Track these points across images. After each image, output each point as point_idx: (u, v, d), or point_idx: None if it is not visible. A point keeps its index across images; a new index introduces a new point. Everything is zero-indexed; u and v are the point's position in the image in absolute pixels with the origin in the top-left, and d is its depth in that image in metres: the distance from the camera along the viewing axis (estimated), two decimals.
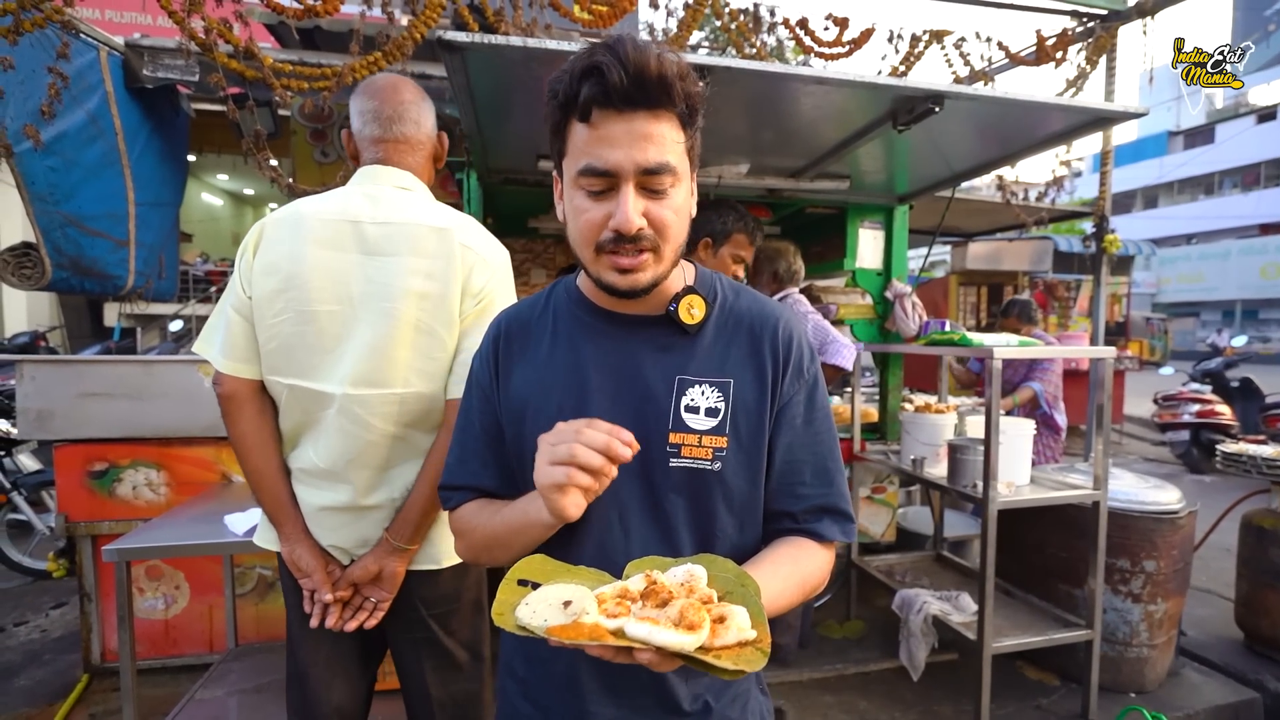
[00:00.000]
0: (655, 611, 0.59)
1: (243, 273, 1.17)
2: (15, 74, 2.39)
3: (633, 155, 0.71)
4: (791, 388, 0.83)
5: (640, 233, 0.73)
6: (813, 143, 2.56)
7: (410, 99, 1.27)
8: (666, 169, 0.73)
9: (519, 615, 0.61)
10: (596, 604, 0.60)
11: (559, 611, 0.60)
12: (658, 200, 0.74)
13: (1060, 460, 3.73)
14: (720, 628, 0.57)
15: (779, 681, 2.58)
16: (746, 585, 0.63)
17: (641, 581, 0.63)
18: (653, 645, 0.55)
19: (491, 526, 0.82)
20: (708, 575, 0.65)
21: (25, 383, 2.42)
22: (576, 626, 0.57)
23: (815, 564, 0.80)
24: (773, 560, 0.77)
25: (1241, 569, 2.83)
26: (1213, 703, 2.49)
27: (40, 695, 2.51)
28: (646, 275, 0.76)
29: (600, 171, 0.72)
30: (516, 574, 0.68)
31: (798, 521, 0.82)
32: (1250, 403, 6.87)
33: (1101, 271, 3.99)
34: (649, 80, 0.69)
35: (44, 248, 2.61)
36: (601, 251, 0.75)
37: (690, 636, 0.55)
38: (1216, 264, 26.43)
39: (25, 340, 6.36)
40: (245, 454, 1.21)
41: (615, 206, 0.73)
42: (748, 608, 0.60)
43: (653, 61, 0.69)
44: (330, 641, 1.27)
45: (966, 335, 2.48)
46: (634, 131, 0.71)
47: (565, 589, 0.63)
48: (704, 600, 0.61)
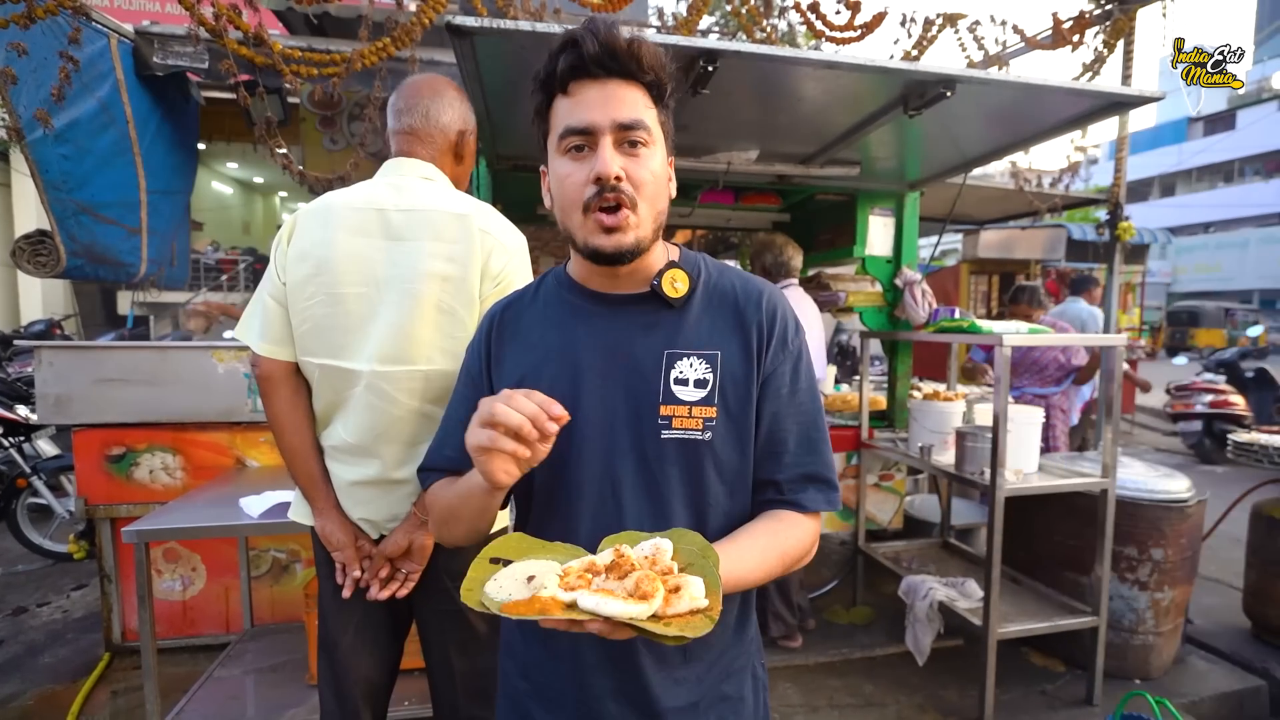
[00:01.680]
0: (614, 584, 0.61)
1: (278, 261, 1.25)
2: (28, 62, 2.40)
3: (608, 112, 0.77)
4: (776, 358, 0.85)
5: (619, 184, 0.76)
6: (823, 128, 2.54)
7: (426, 94, 1.33)
8: (641, 125, 0.78)
9: (486, 591, 0.62)
10: (560, 579, 0.62)
11: (523, 586, 0.61)
12: (635, 159, 0.78)
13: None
14: (674, 597, 0.59)
15: (786, 665, 2.61)
16: (708, 557, 0.65)
17: (610, 555, 0.65)
18: (602, 615, 0.57)
19: (446, 498, 0.85)
20: (673, 548, 0.67)
21: (44, 369, 2.46)
22: (531, 601, 0.59)
23: (797, 535, 0.82)
24: (750, 534, 0.79)
25: (1251, 558, 2.82)
26: (1218, 690, 2.49)
27: (63, 673, 2.58)
28: (630, 236, 0.78)
29: (579, 129, 0.77)
30: (490, 552, 0.69)
31: (782, 491, 0.84)
32: (1265, 393, 6.78)
33: (1115, 260, 3.94)
34: (620, 50, 0.76)
35: (58, 235, 2.64)
36: (588, 211, 0.78)
37: (640, 606, 0.57)
38: (1235, 253, 25.99)
39: (41, 328, 6.45)
40: (280, 431, 1.28)
41: (594, 161, 0.77)
42: (705, 578, 0.62)
43: (623, 35, 0.76)
44: (360, 613, 1.33)
45: (976, 322, 2.46)
46: (609, 95, 0.77)
47: (532, 565, 0.65)
48: (664, 572, 0.63)
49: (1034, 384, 3.62)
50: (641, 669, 0.82)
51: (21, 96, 2.44)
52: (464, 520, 0.82)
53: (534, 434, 0.66)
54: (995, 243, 7.18)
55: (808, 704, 2.40)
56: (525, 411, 0.66)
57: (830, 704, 2.40)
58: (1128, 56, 3.79)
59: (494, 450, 0.66)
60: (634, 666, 0.82)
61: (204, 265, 11.04)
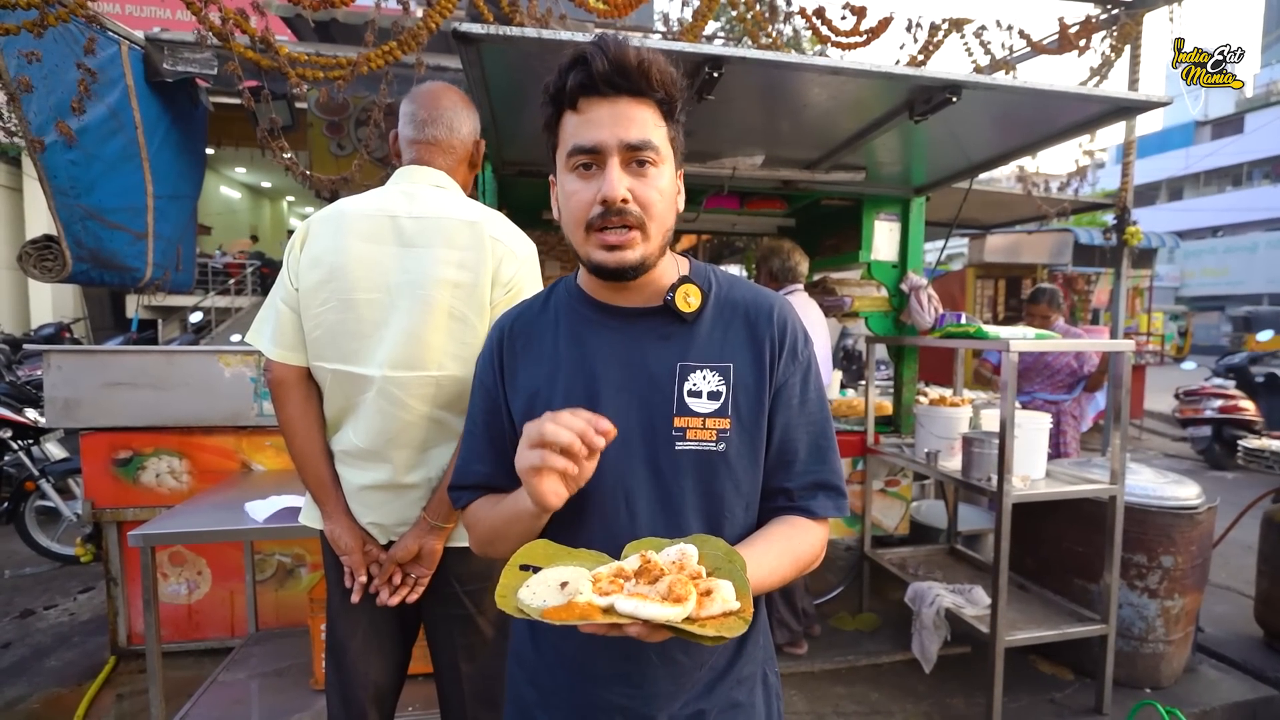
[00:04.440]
0: (646, 588, 0.62)
1: (290, 267, 1.25)
2: (40, 69, 2.43)
3: (616, 132, 0.77)
4: (788, 370, 0.86)
5: (626, 206, 0.77)
6: (828, 134, 2.53)
7: (448, 105, 1.35)
8: (649, 145, 0.78)
9: (520, 598, 0.63)
10: (592, 584, 0.63)
11: (556, 592, 0.63)
12: (642, 179, 0.78)
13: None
14: (706, 600, 0.61)
15: (791, 672, 2.59)
16: (734, 561, 0.67)
17: (636, 561, 0.66)
18: (640, 619, 0.58)
19: (491, 520, 0.86)
20: (699, 554, 0.68)
21: (52, 372, 2.48)
22: (569, 607, 0.60)
23: (808, 540, 0.83)
24: (766, 539, 0.81)
25: (1262, 566, 2.79)
26: (1230, 699, 2.46)
27: (69, 676, 2.58)
28: (634, 253, 0.79)
29: (587, 148, 0.77)
30: (519, 559, 0.71)
31: (792, 499, 0.85)
32: (1276, 399, 6.72)
33: (1122, 264, 3.92)
34: (629, 67, 0.76)
35: (64, 240, 2.66)
36: (591, 230, 0.79)
37: (676, 609, 0.59)
38: (1243, 257, 25.79)
39: (50, 331, 6.51)
40: (291, 436, 1.29)
41: (602, 182, 0.77)
42: (733, 581, 0.63)
43: (633, 52, 0.76)
44: (368, 617, 1.33)
45: (983, 328, 2.45)
46: (618, 113, 0.77)
47: (564, 571, 0.66)
48: (693, 576, 0.64)
49: (1045, 389, 3.59)
50: (653, 679, 0.82)
51: (33, 103, 2.46)
52: (511, 540, 0.82)
53: (583, 450, 0.68)
54: (1001, 247, 7.16)
55: (813, 711, 2.38)
56: (574, 428, 0.68)
57: (836, 711, 2.39)
58: (1134, 61, 3.79)
59: (545, 469, 0.68)
60: (645, 677, 0.82)
61: (212, 269, 11.10)
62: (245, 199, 15.10)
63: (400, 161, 1.36)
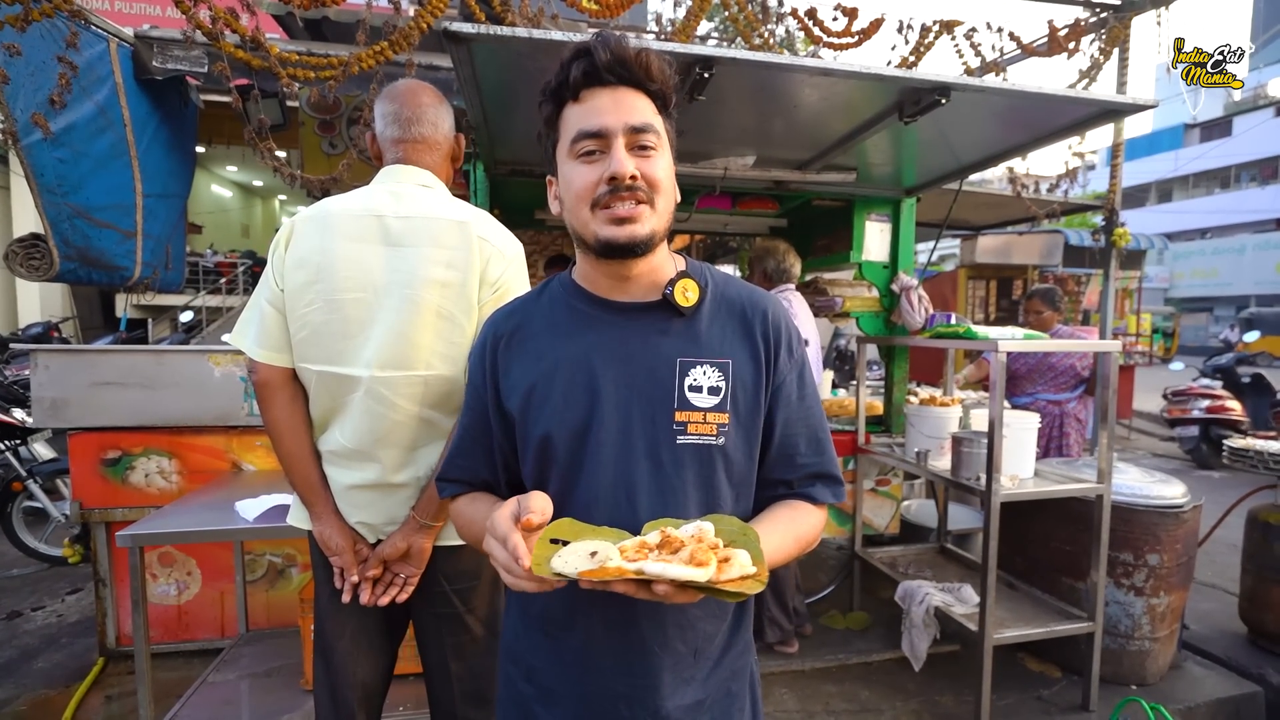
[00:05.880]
0: (670, 557, 0.67)
1: (275, 267, 1.24)
2: (25, 65, 2.40)
3: (620, 116, 0.80)
4: (785, 367, 0.89)
5: (634, 181, 0.79)
6: (819, 134, 2.55)
7: (429, 102, 1.34)
8: (651, 129, 0.81)
9: (553, 565, 0.68)
10: (619, 553, 0.68)
11: (587, 560, 0.68)
12: (646, 159, 0.81)
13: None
14: (726, 566, 0.66)
15: (782, 670, 2.60)
16: (748, 534, 0.72)
17: (657, 536, 0.71)
18: (668, 578, 0.63)
19: (469, 515, 0.91)
20: (714, 529, 0.73)
21: (40, 372, 2.46)
22: (601, 570, 0.65)
23: (809, 522, 0.88)
24: (772, 519, 0.85)
25: (1246, 564, 2.82)
26: (1214, 695, 2.49)
27: (57, 677, 2.56)
28: (644, 227, 0.81)
29: (592, 132, 0.80)
30: (549, 534, 0.74)
31: (793, 488, 0.90)
32: (1262, 399, 6.79)
33: (1111, 266, 3.96)
34: (629, 60, 0.80)
35: (52, 239, 2.63)
36: (597, 206, 0.81)
37: (700, 570, 0.64)
38: (1231, 259, 26.05)
39: (39, 331, 6.44)
40: (278, 437, 1.28)
41: (609, 162, 0.79)
42: (749, 551, 0.68)
43: (632, 46, 0.81)
44: (356, 617, 1.33)
45: (972, 328, 2.47)
46: (620, 100, 0.80)
47: (592, 543, 0.72)
48: (711, 547, 0.68)
49: (1048, 390, 3.57)
50: (656, 669, 0.84)
51: (18, 99, 2.44)
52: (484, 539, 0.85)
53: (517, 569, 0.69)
54: (992, 248, 7.20)
55: (804, 710, 2.39)
56: (499, 560, 0.71)
57: (826, 710, 2.40)
58: (1123, 64, 3.83)
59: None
60: (648, 667, 0.84)
61: (203, 268, 11.03)
62: (237, 197, 15.01)
63: (382, 162, 1.35)
